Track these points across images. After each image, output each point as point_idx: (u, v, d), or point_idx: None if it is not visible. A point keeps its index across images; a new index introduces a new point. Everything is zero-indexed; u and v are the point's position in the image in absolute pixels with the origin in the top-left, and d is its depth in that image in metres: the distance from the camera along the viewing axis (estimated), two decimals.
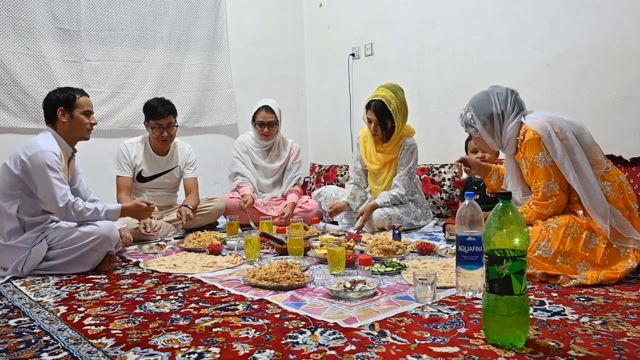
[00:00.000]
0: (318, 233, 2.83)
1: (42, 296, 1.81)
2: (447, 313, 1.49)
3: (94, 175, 2.98)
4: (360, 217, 2.90)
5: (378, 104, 2.91)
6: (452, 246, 2.37)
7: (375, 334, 1.34)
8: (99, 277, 2.09)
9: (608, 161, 1.97)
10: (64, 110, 2.28)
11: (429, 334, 1.32)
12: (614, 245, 1.81)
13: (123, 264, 2.31)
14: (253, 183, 3.45)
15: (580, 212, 1.91)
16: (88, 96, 2.37)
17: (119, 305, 1.66)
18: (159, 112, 2.97)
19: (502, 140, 2.08)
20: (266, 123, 3.36)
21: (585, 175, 1.87)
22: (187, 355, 1.23)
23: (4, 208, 2.16)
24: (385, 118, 2.93)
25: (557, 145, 1.88)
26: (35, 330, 1.45)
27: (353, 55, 4.28)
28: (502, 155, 2.87)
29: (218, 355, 1.23)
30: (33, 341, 1.37)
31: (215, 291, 1.81)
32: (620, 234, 1.81)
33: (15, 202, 2.17)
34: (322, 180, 4.19)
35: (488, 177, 2.31)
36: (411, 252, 2.35)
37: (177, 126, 3.08)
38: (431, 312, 1.51)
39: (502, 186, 2.22)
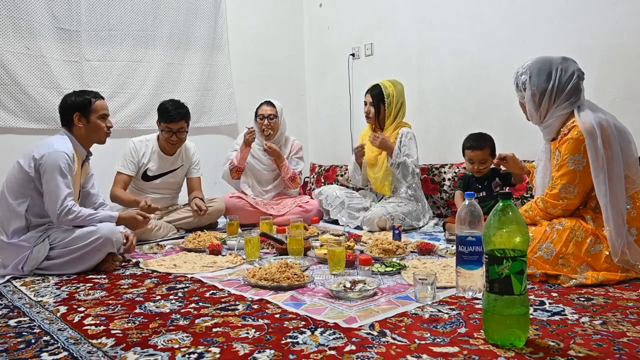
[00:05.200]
0: (318, 233, 2.83)
1: (42, 296, 1.81)
2: (447, 313, 1.49)
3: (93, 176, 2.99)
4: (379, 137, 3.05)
5: (375, 89, 3.17)
6: (452, 246, 2.37)
7: (375, 334, 1.34)
8: (99, 277, 2.09)
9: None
10: (80, 115, 2.27)
11: (429, 334, 1.32)
12: (615, 261, 1.78)
13: (123, 263, 2.31)
14: (249, 177, 3.48)
15: (589, 217, 1.88)
16: (104, 99, 2.37)
17: (119, 305, 1.66)
18: (170, 116, 2.97)
19: (542, 118, 1.98)
20: (266, 116, 3.40)
21: (615, 192, 1.79)
22: (187, 355, 1.23)
23: (12, 206, 2.16)
24: (379, 102, 3.14)
25: (600, 153, 1.80)
26: (35, 330, 1.45)
27: (353, 55, 4.28)
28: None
29: (218, 355, 1.23)
30: (33, 341, 1.37)
31: (215, 291, 1.81)
32: (626, 259, 1.77)
33: (25, 200, 2.17)
34: (322, 180, 4.19)
35: (531, 177, 2.25)
36: (411, 252, 2.35)
37: (187, 131, 3.08)
38: (431, 312, 1.51)
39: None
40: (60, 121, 2.33)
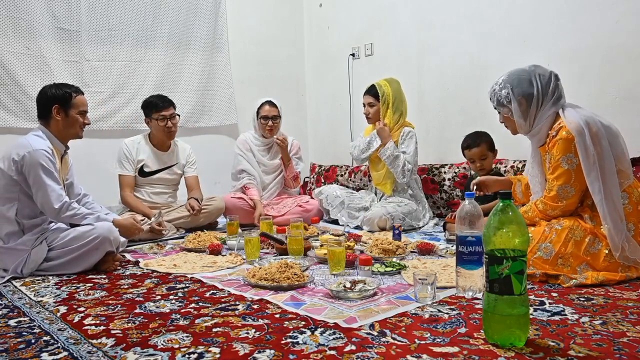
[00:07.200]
0: (318, 233, 2.83)
1: (42, 296, 1.81)
2: (447, 313, 1.49)
3: (94, 176, 3.00)
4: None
5: (372, 89, 3.19)
6: (452, 246, 2.37)
7: (375, 334, 1.34)
8: (99, 277, 2.09)
9: (632, 175, 1.90)
10: (59, 108, 2.23)
11: (429, 334, 1.32)
12: (615, 257, 1.79)
13: (123, 263, 2.31)
14: (258, 181, 3.47)
15: (587, 216, 1.88)
16: (84, 94, 2.33)
17: (119, 305, 1.66)
18: (160, 105, 3.08)
19: (531, 126, 1.99)
20: (270, 117, 3.41)
21: (609, 187, 1.80)
22: (187, 355, 1.23)
23: (1, 211, 2.14)
24: (377, 101, 3.16)
25: (590, 150, 1.80)
26: (35, 330, 1.45)
27: (353, 55, 4.28)
28: (500, 155, 2.89)
29: (218, 355, 1.23)
30: (33, 341, 1.37)
31: (215, 291, 1.81)
32: (626, 255, 1.77)
33: (13, 204, 2.15)
34: (322, 180, 4.19)
35: (513, 191, 2.23)
36: (411, 252, 2.35)
37: (179, 115, 3.18)
38: (431, 312, 1.51)
39: (531, 191, 2.13)
40: (37, 114, 2.27)
